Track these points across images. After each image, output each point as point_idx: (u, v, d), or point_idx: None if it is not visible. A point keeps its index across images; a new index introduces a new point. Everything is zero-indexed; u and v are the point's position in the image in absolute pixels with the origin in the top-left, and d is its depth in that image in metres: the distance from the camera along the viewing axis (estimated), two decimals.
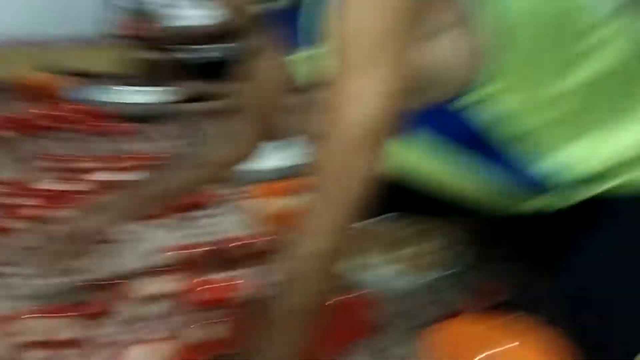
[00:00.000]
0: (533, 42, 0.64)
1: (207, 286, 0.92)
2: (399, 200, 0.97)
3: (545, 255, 0.82)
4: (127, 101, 1.92)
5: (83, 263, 0.89)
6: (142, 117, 1.87)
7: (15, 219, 1.12)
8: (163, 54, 2.14)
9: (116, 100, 1.90)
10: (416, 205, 1.00)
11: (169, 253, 1.02)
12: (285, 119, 1.46)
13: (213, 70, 1.93)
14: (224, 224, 1.18)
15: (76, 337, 0.80)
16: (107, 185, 1.25)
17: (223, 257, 1.03)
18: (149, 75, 2.09)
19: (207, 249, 1.05)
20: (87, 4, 3.05)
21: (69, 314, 0.83)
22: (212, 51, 2.15)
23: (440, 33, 0.60)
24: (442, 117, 0.68)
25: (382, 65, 0.56)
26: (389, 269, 0.95)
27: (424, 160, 0.77)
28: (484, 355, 0.68)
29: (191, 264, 1.00)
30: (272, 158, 1.43)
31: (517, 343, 0.68)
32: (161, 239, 1.09)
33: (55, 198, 1.19)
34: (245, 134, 0.94)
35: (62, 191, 1.25)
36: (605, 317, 0.71)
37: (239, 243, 1.07)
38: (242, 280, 0.95)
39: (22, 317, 0.82)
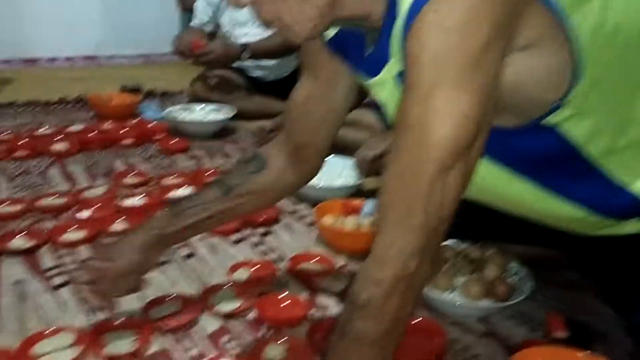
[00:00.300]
0: (602, 69, 0.63)
1: (276, 304, 0.95)
2: (473, 223, 0.96)
3: (617, 285, 0.81)
4: (203, 118, 1.98)
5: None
6: (218, 133, 1.94)
7: (104, 234, 1.19)
8: (236, 72, 2.20)
9: (191, 118, 1.97)
10: (491, 228, 0.99)
11: (240, 269, 1.06)
12: (356, 136, 1.47)
13: (284, 87, 1.98)
14: (293, 242, 1.20)
15: (163, 350, 0.85)
16: None
17: (294, 275, 1.06)
18: (223, 93, 2.15)
19: (278, 266, 1.08)
20: (163, 25, 3.19)
21: (152, 328, 0.88)
22: (281, 68, 2.20)
23: (529, 48, 0.59)
24: (522, 138, 0.68)
25: (470, 85, 0.55)
26: (457, 293, 0.95)
27: (506, 181, 0.75)
28: None
29: (261, 281, 1.03)
30: (343, 175, 1.44)
31: None
32: (234, 255, 1.13)
33: (139, 215, 1.24)
34: (280, 161, 0.87)
35: (147, 208, 1.31)
36: None
37: (310, 261, 1.09)
38: (313, 299, 0.98)
39: (106, 331, 0.87)
